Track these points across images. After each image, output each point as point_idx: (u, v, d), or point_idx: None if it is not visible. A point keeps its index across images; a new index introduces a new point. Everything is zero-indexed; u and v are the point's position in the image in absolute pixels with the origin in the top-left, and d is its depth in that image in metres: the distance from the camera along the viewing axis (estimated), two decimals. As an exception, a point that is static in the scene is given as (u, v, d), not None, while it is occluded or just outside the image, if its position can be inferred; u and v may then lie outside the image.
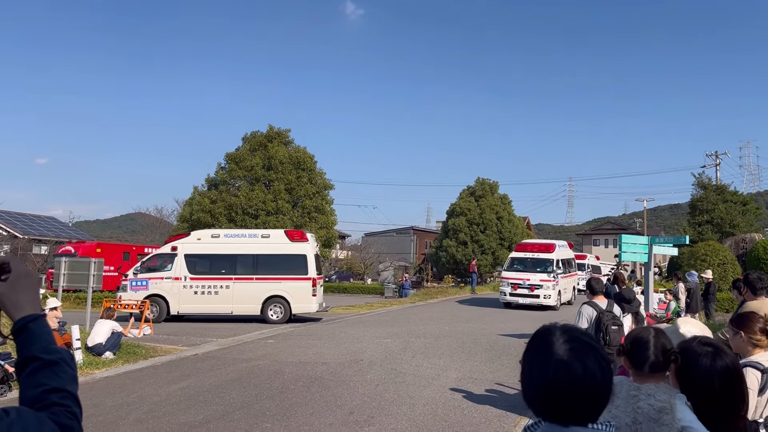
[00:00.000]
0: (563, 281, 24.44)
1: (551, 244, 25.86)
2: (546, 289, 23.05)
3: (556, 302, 23.23)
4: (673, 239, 13.76)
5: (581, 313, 6.74)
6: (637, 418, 2.34)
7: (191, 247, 18.83)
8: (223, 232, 20.07)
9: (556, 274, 23.53)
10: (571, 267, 26.93)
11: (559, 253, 25.04)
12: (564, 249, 26.92)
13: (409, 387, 9.04)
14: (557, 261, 24.13)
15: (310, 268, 18.41)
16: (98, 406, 7.91)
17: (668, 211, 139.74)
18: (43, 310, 7.11)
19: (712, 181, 39.44)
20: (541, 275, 23.36)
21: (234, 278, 18.30)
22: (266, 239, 18.95)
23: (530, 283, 23.26)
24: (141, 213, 78.28)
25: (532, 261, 24.34)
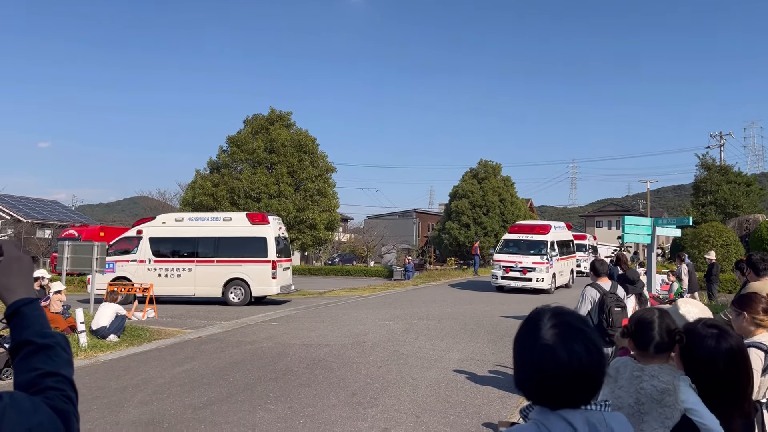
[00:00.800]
0: (559, 264, 23.45)
1: (546, 225, 24.70)
2: (539, 272, 22.05)
3: (550, 286, 22.26)
4: (676, 220, 13.70)
5: (584, 295, 6.73)
6: (640, 399, 2.33)
7: (156, 231, 19.09)
8: (187, 215, 20.40)
9: (551, 256, 22.49)
10: (569, 249, 25.97)
11: (554, 234, 23.99)
12: (561, 230, 25.89)
13: (412, 368, 9.08)
14: (552, 243, 23.12)
15: (270, 251, 18.42)
16: (103, 388, 7.96)
17: (672, 192, 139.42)
18: (46, 293, 7.13)
19: (716, 162, 39.25)
20: (534, 258, 22.31)
21: (196, 261, 18.50)
22: (228, 222, 19.12)
23: (522, 266, 22.26)
24: (144, 196, 78.30)
25: (526, 243, 23.29)
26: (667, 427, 2.24)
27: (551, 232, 23.73)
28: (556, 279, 23.06)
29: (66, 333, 10.82)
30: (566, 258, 24.98)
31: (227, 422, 6.39)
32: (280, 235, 19.41)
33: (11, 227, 36.32)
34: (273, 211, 22.13)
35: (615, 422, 1.43)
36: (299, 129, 25.20)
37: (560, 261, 23.69)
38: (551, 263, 22.34)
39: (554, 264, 22.58)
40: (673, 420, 2.24)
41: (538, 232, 23.77)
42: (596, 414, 1.41)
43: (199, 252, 18.70)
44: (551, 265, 22.33)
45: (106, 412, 6.78)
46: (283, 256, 19.39)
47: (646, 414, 2.31)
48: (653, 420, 2.28)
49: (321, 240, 24.53)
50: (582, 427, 1.37)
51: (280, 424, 6.34)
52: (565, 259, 24.66)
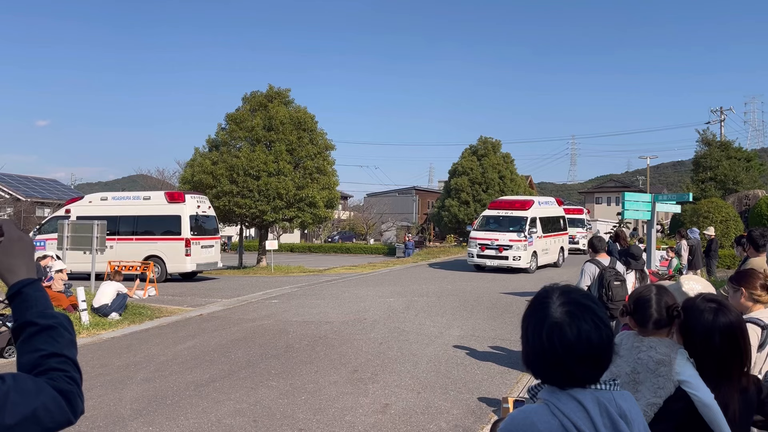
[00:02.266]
0: (542, 241, 22.24)
1: (527, 201, 23.34)
2: (516, 250, 20.81)
3: (529, 264, 21.06)
4: (676, 196, 13.71)
5: (584, 271, 6.75)
6: (636, 368, 2.36)
7: (83, 210, 19.51)
8: (112, 194, 20.91)
9: (530, 233, 21.25)
10: (557, 226, 24.48)
11: (537, 210, 22.68)
12: (547, 206, 24.48)
13: (412, 345, 9.14)
14: (532, 219, 21.84)
15: (184, 229, 18.75)
16: (106, 366, 8.03)
17: (671, 168, 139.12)
18: (48, 272, 7.12)
19: (716, 138, 39.06)
20: (511, 235, 21.09)
21: (117, 239, 18.70)
22: (147, 201, 19.61)
23: (498, 244, 21.06)
24: (143, 175, 78.19)
25: (505, 219, 22.08)
26: (660, 397, 2.27)
27: (532, 208, 22.45)
28: (538, 257, 21.93)
29: (68, 311, 10.88)
30: (553, 235, 23.67)
31: (229, 399, 6.46)
32: (200, 214, 19.75)
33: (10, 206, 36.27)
34: (272, 188, 22.12)
35: (624, 400, 1.43)
36: (298, 106, 25.00)
37: (545, 238, 22.59)
38: (530, 240, 21.23)
39: (535, 241, 21.51)
40: (665, 390, 2.26)
41: (518, 208, 22.48)
42: (606, 393, 1.41)
43: (120, 230, 19.10)
44: (530, 243, 21.24)
45: (110, 390, 6.84)
46: (203, 234, 19.73)
47: (641, 383, 2.34)
48: (647, 390, 2.31)
49: (321, 218, 24.49)
50: (592, 407, 1.37)
51: (282, 400, 6.40)
52: (551, 236, 23.40)
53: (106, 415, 5.95)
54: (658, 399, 2.25)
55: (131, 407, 6.21)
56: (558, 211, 25.38)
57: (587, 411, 1.36)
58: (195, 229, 19.06)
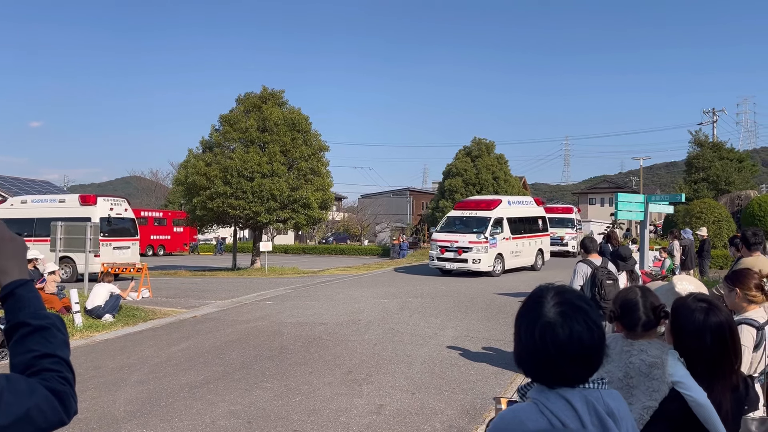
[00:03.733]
0: (509, 243, 21.04)
1: (494, 201, 22.21)
2: (475, 252, 19.71)
3: (491, 268, 19.91)
4: (669, 197, 13.79)
5: (576, 271, 6.79)
6: (629, 373, 2.37)
7: (4, 212, 20.38)
8: (32, 197, 21.89)
9: (492, 234, 20.04)
10: (534, 226, 23.32)
11: (504, 210, 21.45)
12: (520, 206, 23.29)
13: (407, 346, 9.15)
14: (497, 220, 20.68)
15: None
16: (99, 368, 8.00)
17: (664, 169, 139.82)
18: (40, 273, 7.08)
19: (708, 139, 39.29)
20: (471, 236, 19.97)
21: (33, 240, 19.06)
22: (62, 204, 20.45)
23: (458, 246, 19.98)
24: (136, 176, 78.17)
25: (469, 220, 21.00)
26: (655, 399, 2.28)
27: (498, 208, 21.28)
28: (506, 260, 20.74)
29: (61, 313, 10.83)
30: (528, 236, 22.56)
31: (224, 401, 6.45)
32: (113, 216, 20.47)
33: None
34: (266, 190, 22.08)
35: (612, 399, 1.44)
36: (292, 107, 24.95)
37: (516, 240, 21.53)
38: (493, 242, 20.05)
39: (499, 243, 20.38)
40: (661, 393, 2.27)
41: (483, 208, 21.42)
42: (594, 392, 1.42)
43: (36, 232, 19.60)
44: (493, 245, 20.05)
45: (103, 392, 6.82)
46: (117, 236, 20.52)
47: (635, 387, 2.35)
48: (641, 393, 2.32)
49: (315, 219, 24.45)
50: (581, 405, 1.38)
51: (277, 401, 6.40)
52: (525, 237, 22.30)
53: (99, 417, 5.93)
54: (654, 402, 2.27)
55: (125, 409, 6.19)
56: (536, 211, 24.18)
57: (575, 409, 1.37)
58: (107, 231, 19.80)
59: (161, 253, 38.18)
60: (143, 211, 39.28)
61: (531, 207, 24.16)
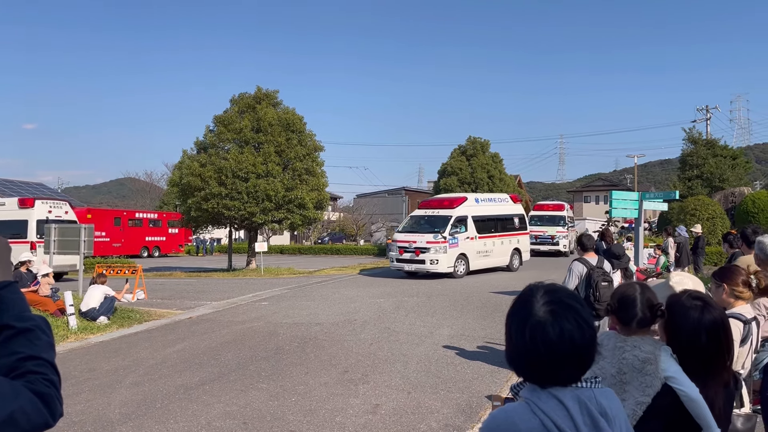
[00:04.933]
0: (476, 242, 20.20)
1: (457, 198, 21.29)
2: (433, 253, 18.87)
3: (451, 268, 19.09)
4: (663, 194, 13.79)
5: (571, 270, 6.78)
6: (622, 369, 2.37)
7: None
8: None
9: (451, 234, 19.22)
10: (509, 225, 22.35)
11: (468, 209, 20.53)
12: (489, 204, 22.22)
13: (403, 345, 9.15)
14: (459, 218, 19.83)
15: (30, 232, 20.03)
16: (94, 370, 7.97)
17: (659, 166, 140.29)
18: (34, 275, 7.05)
19: (702, 136, 39.42)
20: (429, 236, 19.12)
21: None
22: (2, 207, 21.02)
23: (416, 246, 19.17)
24: (131, 178, 77.94)
25: (431, 219, 20.15)
26: (648, 395, 2.28)
27: (462, 206, 20.43)
28: (470, 260, 19.95)
29: (55, 316, 10.79)
30: (501, 235, 21.62)
31: (219, 402, 6.43)
32: (52, 218, 20.76)
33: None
34: (261, 190, 22.03)
35: (605, 398, 1.43)
36: (286, 107, 24.90)
37: (485, 239, 20.65)
38: (453, 242, 19.22)
39: (461, 243, 19.57)
40: (653, 388, 2.28)
41: (445, 207, 20.60)
42: (586, 391, 1.41)
43: None
44: (453, 244, 19.21)
45: (98, 394, 6.79)
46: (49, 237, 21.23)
47: (628, 384, 2.35)
48: (635, 389, 2.33)
49: (310, 219, 24.41)
50: (572, 404, 1.37)
51: (272, 402, 6.39)
52: (497, 236, 21.39)
53: (94, 419, 5.91)
54: (647, 397, 2.27)
55: (120, 411, 6.17)
56: (511, 209, 23.10)
57: (567, 409, 1.36)
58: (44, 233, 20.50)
59: (156, 254, 38.09)
60: (138, 213, 39.18)
61: (505, 204, 23.09)
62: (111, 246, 33.83)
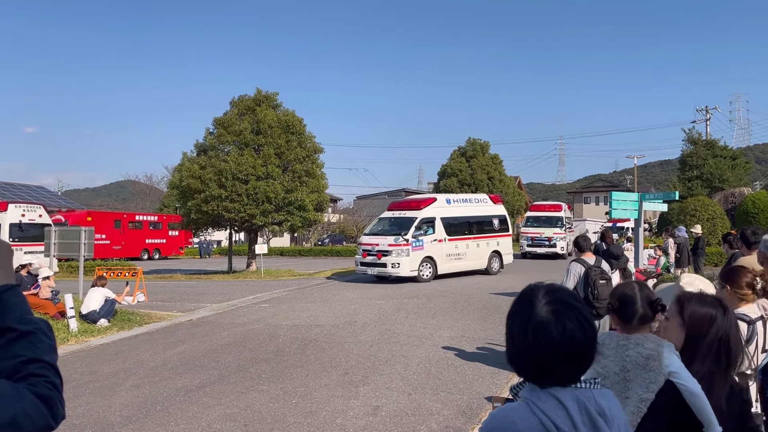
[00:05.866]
0: (445, 245, 19.42)
1: (426, 200, 20.54)
2: (395, 256, 18.21)
3: (414, 272, 18.46)
4: (663, 195, 13.80)
5: (569, 271, 6.79)
6: (626, 366, 2.39)
7: None
8: None
9: (415, 236, 18.51)
10: (486, 227, 21.30)
11: (436, 210, 19.74)
12: (464, 205, 21.25)
13: (403, 347, 9.15)
14: (425, 220, 19.15)
15: (3, 235, 20.62)
16: (94, 372, 7.97)
17: (659, 167, 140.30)
18: (35, 278, 7.06)
19: (702, 137, 39.44)
20: (391, 239, 18.56)
21: None
22: None
23: (378, 249, 18.59)
24: (131, 180, 77.99)
25: (397, 221, 19.54)
26: (652, 391, 2.29)
27: (429, 208, 19.65)
28: (438, 264, 19.21)
29: (56, 318, 10.79)
30: (478, 237, 20.71)
31: (220, 404, 6.43)
32: (25, 222, 21.62)
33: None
34: (261, 192, 22.03)
35: (604, 399, 1.44)
36: (286, 109, 24.92)
37: (457, 241, 19.83)
38: (417, 245, 18.51)
39: (427, 245, 18.85)
40: (657, 384, 2.29)
41: (413, 208, 19.95)
42: (585, 392, 1.42)
43: None
44: (417, 247, 18.51)
45: (98, 396, 6.79)
46: (29, 242, 21.54)
47: (632, 381, 2.37)
48: (638, 386, 2.34)
49: (310, 221, 24.42)
50: (572, 405, 1.38)
51: (273, 404, 6.39)
52: (473, 238, 20.51)
53: (95, 422, 5.91)
54: (650, 394, 2.28)
55: (120, 414, 6.17)
56: (490, 210, 22.01)
57: (567, 409, 1.37)
58: (18, 236, 21.04)
59: (156, 257, 38.09)
60: (138, 215, 39.17)
61: (483, 205, 22.05)
62: (111, 248, 33.82)
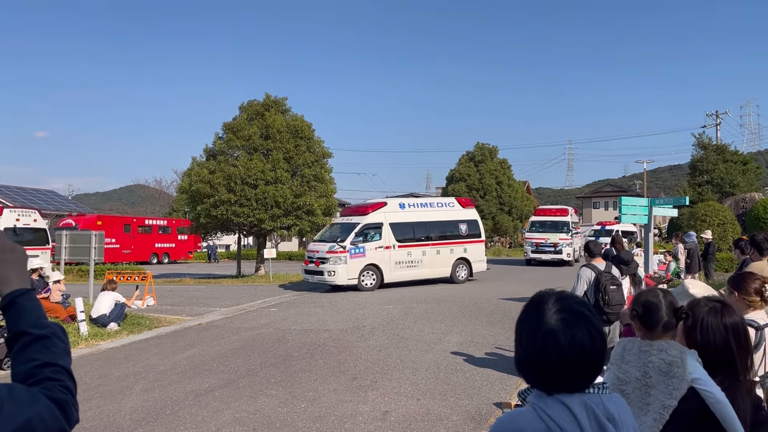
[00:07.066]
0: (394, 252, 18.48)
1: (374, 204, 19.53)
2: (332, 264, 17.56)
3: (353, 280, 17.71)
4: (673, 200, 13.69)
5: (580, 276, 6.76)
6: (648, 372, 2.37)
7: None
8: None
9: (353, 243, 17.78)
10: (451, 232, 20.05)
11: (386, 215, 18.74)
12: (423, 209, 19.97)
13: (412, 352, 9.13)
14: (369, 225, 18.34)
15: None
16: (105, 376, 8.01)
17: (668, 172, 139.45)
18: (45, 283, 7.14)
19: (712, 141, 39.20)
20: (330, 245, 17.94)
21: None
22: None
23: (317, 256, 18.11)
24: (140, 185, 78.52)
25: (344, 227, 18.87)
26: (675, 398, 2.28)
27: (376, 212, 18.72)
28: (385, 272, 18.34)
29: (66, 322, 10.86)
30: (439, 244, 19.56)
31: (229, 408, 6.44)
32: (19, 226, 21.60)
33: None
34: (270, 197, 22.09)
35: (613, 404, 1.44)
36: (295, 114, 25.00)
37: (408, 248, 18.82)
38: (357, 252, 17.80)
39: (371, 252, 18.05)
40: (680, 391, 2.27)
41: (359, 213, 19.12)
42: (594, 397, 1.42)
43: None
44: (357, 254, 17.80)
45: (108, 400, 6.82)
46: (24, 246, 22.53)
47: (654, 387, 2.35)
48: (660, 392, 2.32)
49: (319, 226, 24.43)
50: (579, 410, 1.38)
51: (282, 408, 6.39)
52: (432, 245, 19.41)
53: (105, 426, 5.94)
54: (673, 400, 2.27)
55: (130, 417, 6.19)
56: (457, 215, 20.54)
57: (574, 415, 1.37)
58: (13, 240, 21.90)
59: (166, 261, 38.26)
60: (147, 220, 39.40)
61: (448, 210, 20.60)
62: (121, 252, 34.02)
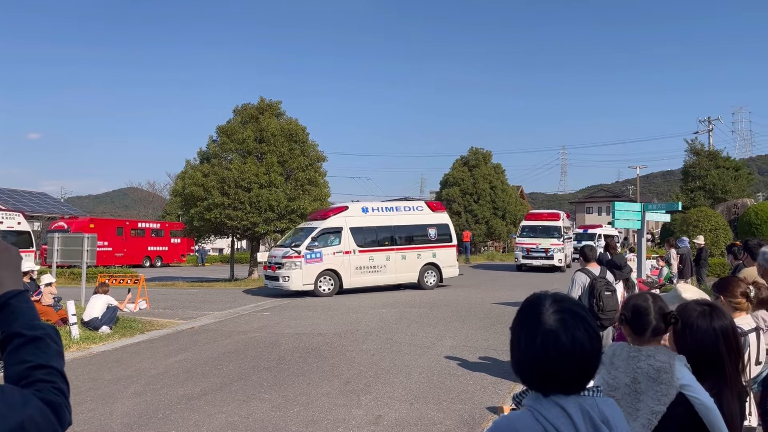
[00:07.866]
0: (355, 257, 18.20)
1: (334, 209, 19.30)
2: (287, 269, 17.36)
3: (308, 286, 17.49)
4: (665, 206, 13.77)
5: (574, 281, 6.77)
6: (637, 378, 2.37)
7: None
8: None
9: (309, 248, 17.55)
10: (419, 237, 19.63)
11: (347, 219, 18.45)
12: (387, 213, 19.49)
13: (405, 356, 9.12)
14: (327, 230, 18.10)
15: None
16: (96, 380, 7.95)
17: (661, 177, 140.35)
18: (37, 285, 7.12)
19: (704, 147, 39.43)
20: (285, 251, 17.73)
21: None
22: None
23: (274, 261, 17.91)
24: (133, 188, 78.21)
25: (305, 231, 18.54)
26: (664, 404, 2.28)
27: (336, 217, 18.46)
28: (344, 277, 18.04)
29: (57, 325, 10.78)
30: (404, 248, 19.16)
31: (221, 412, 6.41)
32: (3, 229, 21.92)
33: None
34: (264, 200, 22.06)
35: (607, 407, 1.45)
36: (289, 118, 24.98)
37: (369, 253, 18.46)
38: (313, 257, 17.52)
39: (329, 257, 17.79)
40: (668, 397, 2.28)
41: (320, 218, 18.82)
42: (589, 400, 1.42)
43: None
44: (313, 260, 17.50)
45: (100, 404, 6.77)
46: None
47: (643, 393, 2.35)
48: (649, 398, 2.32)
49: (312, 229, 24.44)
50: (575, 413, 1.38)
51: (275, 413, 6.36)
52: (397, 249, 19.01)
53: (96, 430, 5.89)
54: (662, 406, 2.27)
55: (122, 421, 6.15)
56: (426, 219, 20.03)
57: (570, 417, 1.37)
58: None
59: (158, 264, 38.10)
60: (140, 223, 39.25)
61: (416, 214, 20.04)
62: (113, 255, 33.85)
